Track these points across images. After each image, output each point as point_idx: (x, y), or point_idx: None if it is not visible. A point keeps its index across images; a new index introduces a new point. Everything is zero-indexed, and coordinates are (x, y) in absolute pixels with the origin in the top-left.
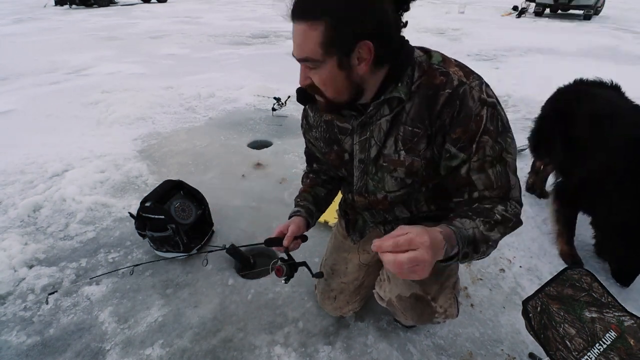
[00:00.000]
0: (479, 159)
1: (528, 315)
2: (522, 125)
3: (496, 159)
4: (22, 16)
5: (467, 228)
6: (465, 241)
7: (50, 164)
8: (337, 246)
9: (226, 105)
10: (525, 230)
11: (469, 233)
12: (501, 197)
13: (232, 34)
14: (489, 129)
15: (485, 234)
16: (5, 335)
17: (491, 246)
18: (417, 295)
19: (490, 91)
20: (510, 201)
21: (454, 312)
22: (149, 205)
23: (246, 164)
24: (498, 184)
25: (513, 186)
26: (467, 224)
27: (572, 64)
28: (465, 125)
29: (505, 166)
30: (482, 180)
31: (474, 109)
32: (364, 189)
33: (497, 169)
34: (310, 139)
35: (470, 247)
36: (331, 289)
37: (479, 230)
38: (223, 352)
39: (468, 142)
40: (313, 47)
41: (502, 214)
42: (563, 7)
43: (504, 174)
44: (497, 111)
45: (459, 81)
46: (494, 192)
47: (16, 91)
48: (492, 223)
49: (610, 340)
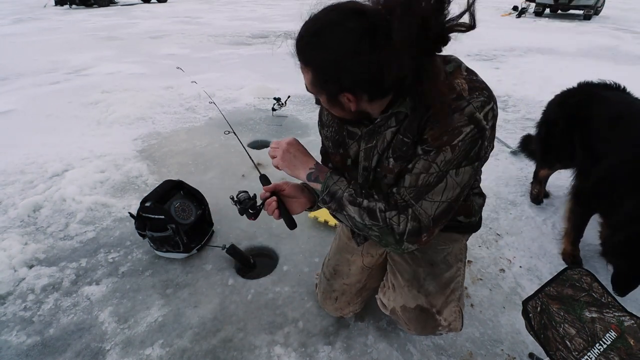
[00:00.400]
0: (427, 161)
1: (528, 315)
2: (522, 125)
3: (438, 175)
4: (22, 16)
5: (337, 183)
6: (327, 188)
7: (50, 164)
8: (341, 247)
9: (226, 105)
10: (525, 230)
11: (334, 187)
12: (406, 202)
13: (232, 34)
14: (457, 147)
15: (343, 201)
16: (5, 335)
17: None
18: (422, 307)
19: (491, 115)
20: (402, 215)
21: (458, 325)
22: (149, 205)
23: (246, 164)
24: (418, 190)
25: (426, 202)
26: (341, 182)
27: (572, 64)
28: (439, 132)
29: (439, 181)
30: (410, 180)
31: (457, 122)
32: None
33: (429, 178)
34: (323, 136)
35: (327, 197)
36: (333, 290)
37: (342, 191)
38: (223, 352)
39: (434, 148)
40: (310, 83)
41: (373, 207)
42: (563, 7)
43: (428, 186)
44: (482, 137)
45: (456, 95)
46: (408, 192)
47: (16, 91)
48: (357, 201)
49: (610, 340)
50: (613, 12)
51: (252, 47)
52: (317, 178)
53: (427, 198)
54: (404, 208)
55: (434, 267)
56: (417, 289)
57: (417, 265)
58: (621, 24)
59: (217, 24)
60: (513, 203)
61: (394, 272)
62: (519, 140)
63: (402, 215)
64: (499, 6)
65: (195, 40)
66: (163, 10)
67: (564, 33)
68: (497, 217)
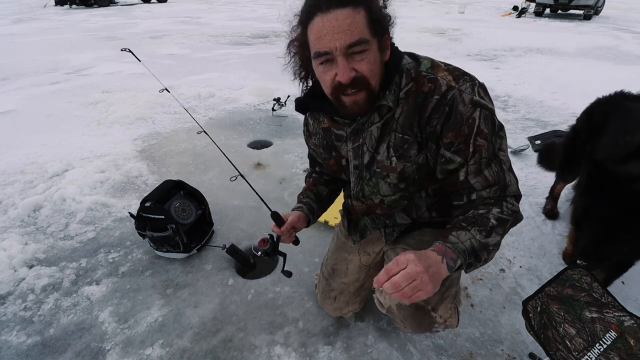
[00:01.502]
0: (475, 162)
1: (528, 315)
2: (522, 125)
3: (491, 159)
4: (22, 16)
5: (464, 241)
6: (464, 253)
7: (50, 164)
8: (338, 246)
9: (226, 105)
10: (525, 230)
11: (467, 245)
12: (499, 195)
13: (232, 34)
14: (482, 131)
15: (483, 242)
16: (5, 335)
17: (493, 250)
18: (417, 304)
19: (483, 92)
20: (508, 199)
21: (453, 322)
22: (149, 205)
23: (246, 164)
24: (496, 182)
25: (509, 183)
26: (462, 236)
27: (572, 64)
28: (457, 130)
29: (500, 164)
30: (480, 182)
31: (465, 112)
32: (361, 194)
33: (493, 169)
34: (311, 145)
35: (472, 257)
36: (332, 289)
37: (475, 239)
38: (223, 352)
39: (463, 144)
40: (363, 29)
41: (497, 218)
42: (563, 7)
43: (500, 172)
44: (490, 112)
45: (447, 86)
46: (492, 191)
47: (16, 91)
48: (488, 229)
49: (610, 340)
50: (613, 12)
51: (252, 47)
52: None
53: (508, 183)
54: (502, 189)
55: None
56: None
57: None
58: (621, 24)
59: (217, 24)
60: None
61: None
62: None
63: (508, 198)
64: (499, 6)
65: (195, 40)
66: (163, 10)
67: (564, 33)
68: None
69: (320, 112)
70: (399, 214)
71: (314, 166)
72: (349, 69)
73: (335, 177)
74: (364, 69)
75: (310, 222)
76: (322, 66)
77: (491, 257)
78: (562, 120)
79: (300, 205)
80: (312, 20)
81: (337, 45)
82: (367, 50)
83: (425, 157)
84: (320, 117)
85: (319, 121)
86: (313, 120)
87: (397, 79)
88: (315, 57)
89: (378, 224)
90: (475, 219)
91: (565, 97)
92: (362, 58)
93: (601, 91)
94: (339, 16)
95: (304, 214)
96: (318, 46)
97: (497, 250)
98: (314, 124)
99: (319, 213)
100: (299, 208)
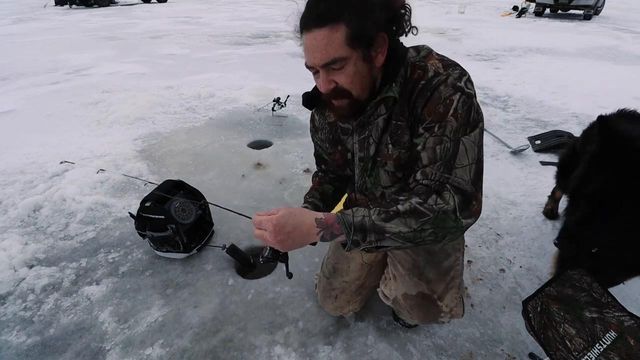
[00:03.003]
0: (436, 135)
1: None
2: (522, 125)
3: (452, 140)
4: (22, 16)
5: (357, 215)
6: (350, 227)
7: (50, 164)
8: (339, 245)
9: (226, 105)
10: (525, 230)
11: (356, 220)
12: (437, 180)
13: (232, 34)
14: (457, 113)
15: (378, 224)
16: (5, 335)
17: (390, 238)
18: (423, 294)
19: (470, 85)
20: (444, 193)
21: (459, 311)
22: (149, 205)
23: (246, 164)
24: (441, 159)
25: (459, 166)
26: (359, 212)
27: (572, 64)
28: (433, 107)
29: (457, 146)
30: (428, 156)
31: (445, 93)
32: (364, 187)
33: (446, 146)
34: (317, 141)
35: (358, 234)
36: (332, 288)
37: (369, 218)
38: (223, 352)
39: (436, 122)
40: (339, 47)
41: (411, 207)
42: (563, 7)
43: (452, 153)
44: (471, 102)
45: (434, 72)
46: (435, 168)
47: (16, 91)
48: (390, 213)
49: (610, 340)
50: (613, 12)
51: (252, 47)
52: (332, 233)
53: (457, 165)
54: (441, 186)
55: (432, 255)
56: (417, 276)
57: (416, 254)
58: (621, 24)
59: (217, 24)
60: (513, 203)
61: (394, 262)
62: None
63: (444, 193)
64: (499, 6)
65: (195, 40)
66: (163, 10)
67: (564, 33)
68: (497, 217)
69: (326, 107)
70: None
71: (320, 164)
72: (328, 82)
73: (341, 175)
74: (342, 81)
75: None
76: (313, 75)
77: (387, 244)
78: (562, 120)
79: (305, 205)
80: (302, 35)
81: (315, 62)
82: (345, 65)
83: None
84: (326, 112)
85: (324, 116)
86: (319, 115)
87: (402, 71)
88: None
89: None
90: (385, 201)
91: (565, 97)
92: (340, 72)
93: (601, 91)
94: (317, 36)
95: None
96: (305, 59)
97: (400, 243)
98: (320, 119)
99: (326, 211)
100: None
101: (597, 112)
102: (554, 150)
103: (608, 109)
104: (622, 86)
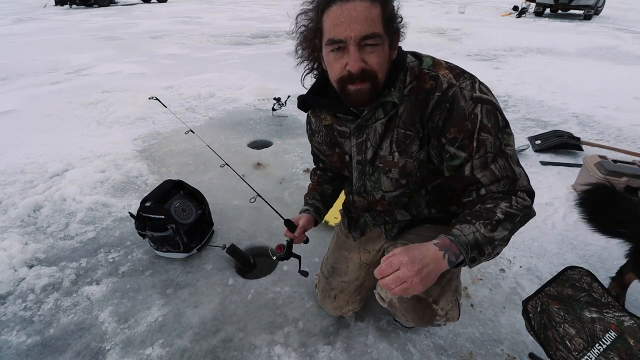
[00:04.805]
0: (480, 156)
1: (528, 315)
2: (522, 125)
3: (497, 153)
4: (22, 16)
5: (467, 234)
6: (467, 246)
7: (50, 164)
8: (339, 245)
9: (226, 105)
10: (525, 230)
11: (469, 238)
12: (508, 190)
13: (232, 34)
14: (486, 126)
15: (488, 235)
16: (5, 335)
17: (499, 245)
18: (418, 297)
19: (485, 88)
20: (518, 194)
21: (455, 315)
22: (149, 205)
23: (246, 164)
24: (504, 176)
25: (519, 176)
26: (466, 229)
27: (572, 64)
28: (459, 125)
29: (507, 158)
30: (488, 177)
31: (467, 108)
32: (362, 190)
33: (499, 163)
34: (314, 143)
35: (475, 250)
36: (332, 288)
37: (480, 233)
38: (223, 352)
39: (467, 140)
40: (378, 23)
41: (505, 212)
42: (563, 7)
43: (507, 166)
44: (493, 107)
45: (448, 84)
46: (500, 185)
47: (16, 91)
48: (493, 223)
49: (610, 340)
50: (613, 12)
51: (252, 47)
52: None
53: (517, 177)
54: (512, 183)
55: None
56: None
57: None
58: (621, 24)
59: (217, 24)
60: None
61: None
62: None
63: (519, 192)
64: (499, 6)
65: (195, 40)
66: (163, 10)
67: (564, 33)
68: None
69: (322, 109)
70: (399, 210)
71: (318, 163)
72: (360, 60)
73: (339, 174)
74: (373, 62)
75: (317, 222)
76: (333, 53)
77: (497, 251)
78: (562, 120)
79: (307, 207)
80: (330, 7)
81: (352, 35)
82: (378, 45)
83: (427, 153)
84: (322, 115)
85: (320, 118)
86: (315, 118)
87: (402, 76)
88: (328, 44)
89: (378, 221)
90: (480, 213)
91: (565, 97)
92: (372, 51)
93: (601, 91)
94: (357, 7)
95: (312, 217)
96: (333, 33)
97: (504, 245)
98: (316, 121)
99: (325, 212)
100: (306, 211)
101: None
102: (554, 150)
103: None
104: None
